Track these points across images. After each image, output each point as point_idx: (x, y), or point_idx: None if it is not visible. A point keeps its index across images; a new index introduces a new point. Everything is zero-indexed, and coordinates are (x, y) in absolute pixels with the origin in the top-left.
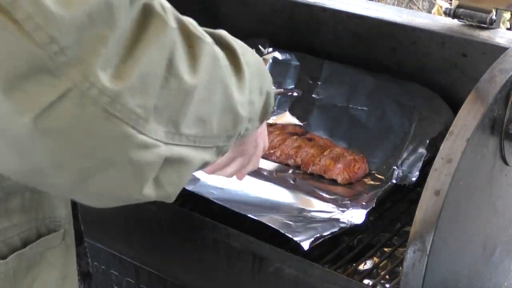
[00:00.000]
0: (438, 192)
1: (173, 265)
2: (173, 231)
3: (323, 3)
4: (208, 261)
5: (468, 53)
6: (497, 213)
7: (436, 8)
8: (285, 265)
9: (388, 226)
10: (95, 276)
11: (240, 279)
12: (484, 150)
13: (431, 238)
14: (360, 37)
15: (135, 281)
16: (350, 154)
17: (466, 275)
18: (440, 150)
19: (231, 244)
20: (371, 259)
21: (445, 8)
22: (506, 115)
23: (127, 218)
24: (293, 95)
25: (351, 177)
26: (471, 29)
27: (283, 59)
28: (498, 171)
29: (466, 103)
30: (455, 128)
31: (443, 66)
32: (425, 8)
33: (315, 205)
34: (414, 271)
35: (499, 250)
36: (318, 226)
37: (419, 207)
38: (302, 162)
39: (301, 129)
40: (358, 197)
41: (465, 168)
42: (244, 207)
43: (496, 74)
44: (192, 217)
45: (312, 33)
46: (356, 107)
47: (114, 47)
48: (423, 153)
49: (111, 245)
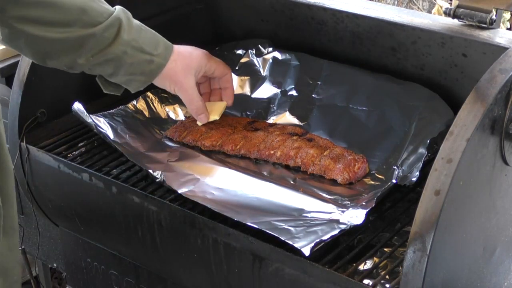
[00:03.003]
0: (438, 192)
1: (173, 265)
2: (173, 231)
3: (323, 3)
4: (208, 261)
5: (468, 53)
6: (497, 213)
7: (436, 8)
8: (285, 265)
9: (388, 226)
10: (95, 276)
11: (240, 279)
12: (484, 150)
13: (431, 238)
14: (360, 37)
15: (135, 281)
16: (350, 154)
17: (466, 275)
18: (440, 150)
19: (231, 244)
20: (371, 259)
21: (445, 8)
22: (506, 115)
23: (127, 218)
24: None
25: (351, 177)
26: (471, 29)
27: (283, 59)
28: (498, 171)
29: (466, 103)
30: (455, 128)
31: (443, 66)
32: (425, 8)
33: (315, 206)
34: (414, 271)
35: (499, 250)
36: (318, 230)
37: (419, 207)
38: (302, 163)
39: (301, 129)
40: (358, 197)
41: (465, 168)
42: (243, 209)
43: (496, 74)
44: (192, 217)
45: (312, 33)
46: (356, 107)
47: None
48: (423, 153)
49: (111, 245)
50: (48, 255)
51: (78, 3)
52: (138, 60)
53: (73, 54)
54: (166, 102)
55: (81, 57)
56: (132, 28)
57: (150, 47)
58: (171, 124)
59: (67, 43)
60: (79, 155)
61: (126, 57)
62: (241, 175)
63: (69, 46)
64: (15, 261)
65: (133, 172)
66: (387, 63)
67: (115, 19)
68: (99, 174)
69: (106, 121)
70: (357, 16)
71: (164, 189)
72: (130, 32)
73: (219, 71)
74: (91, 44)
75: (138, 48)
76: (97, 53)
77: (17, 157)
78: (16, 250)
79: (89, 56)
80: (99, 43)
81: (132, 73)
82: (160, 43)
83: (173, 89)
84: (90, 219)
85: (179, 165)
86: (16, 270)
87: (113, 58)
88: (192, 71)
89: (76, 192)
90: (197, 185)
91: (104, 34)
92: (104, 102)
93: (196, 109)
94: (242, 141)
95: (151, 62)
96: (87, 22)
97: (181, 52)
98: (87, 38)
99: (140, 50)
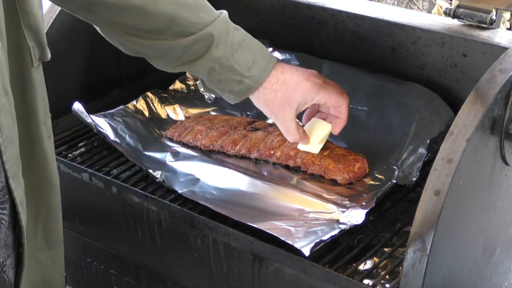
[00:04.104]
0: (438, 192)
1: (173, 265)
2: (173, 231)
3: (323, 3)
4: (208, 261)
5: (468, 53)
6: (497, 213)
7: (436, 8)
8: (285, 265)
9: (388, 226)
10: (95, 276)
11: (240, 279)
12: (484, 150)
13: (431, 238)
14: (360, 37)
15: (135, 281)
16: (350, 154)
17: (466, 275)
18: (440, 150)
19: (231, 244)
20: (371, 259)
21: (445, 8)
22: (506, 115)
23: (127, 218)
24: None
25: (351, 177)
26: (471, 29)
27: (283, 59)
28: (498, 171)
29: (466, 103)
30: (455, 128)
31: (443, 66)
32: (425, 8)
33: (315, 206)
34: (414, 271)
35: (499, 250)
36: (318, 230)
37: (419, 207)
38: (302, 163)
39: None
40: (358, 197)
41: (465, 168)
42: (243, 209)
43: (496, 74)
44: (192, 217)
45: (312, 33)
46: (356, 107)
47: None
48: (423, 153)
49: (111, 245)
50: None
51: (168, 12)
52: (226, 78)
53: (162, 59)
54: (166, 102)
55: (170, 64)
56: (227, 45)
57: (242, 67)
58: (171, 124)
59: (155, 50)
60: (79, 155)
61: (213, 73)
62: (241, 175)
63: (157, 52)
64: (58, 274)
65: (133, 172)
66: (387, 63)
67: (208, 33)
68: (99, 174)
69: (106, 121)
70: (357, 16)
71: (164, 189)
72: (223, 49)
73: (331, 103)
74: (179, 54)
75: (228, 67)
76: (185, 64)
77: None
78: (60, 263)
79: (178, 65)
80: (188, 54)
81: (221, 89)
82: (257, 63)
83: (269, 116)
84: (90, 219)
85: (179, 165)
86: (58, 282)
87: (201, 71)
88: (293, 105)
89: (76, 192)
90: (197, 185)
91: (194, 46)
92: (104, 102)
93: (292, 139)
94: (242, 141)
95: (240, 83)
96: (176, 32)
97: (287, 81)
98: (174, 48)
99: (230, 69)
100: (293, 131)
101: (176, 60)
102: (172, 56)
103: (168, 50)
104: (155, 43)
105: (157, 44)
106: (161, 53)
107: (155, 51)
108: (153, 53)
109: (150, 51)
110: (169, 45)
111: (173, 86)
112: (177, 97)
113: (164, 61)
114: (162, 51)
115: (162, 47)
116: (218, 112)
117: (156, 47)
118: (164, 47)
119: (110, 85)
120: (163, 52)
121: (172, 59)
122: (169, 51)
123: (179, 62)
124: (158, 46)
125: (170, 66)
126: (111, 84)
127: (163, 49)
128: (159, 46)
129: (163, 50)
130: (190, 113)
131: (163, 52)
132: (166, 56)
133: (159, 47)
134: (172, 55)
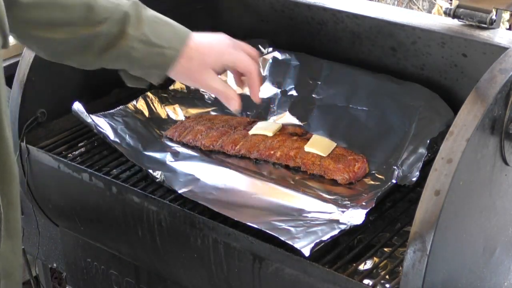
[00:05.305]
0: (438, 192)
1: (173, 265)
2: (173, 231)
3: (323, 3)
4: (208, 261)
5: (468, 53)
6: (497, 213)
7: (436, 8)
8: (285, 265)
9: (388, 226)
10: (95, 276)
11: (240, 279)
12: (484, 150)
13: (431, 238)
14: (360, 37)
15: (135, 281)
16: (350, 154)
17: (466, 275)
18: (440, 150)
19: (231, 244)
20: (371, 259)
21: (445, 8)
22: (506, 115)
23: (127, 218)
24: None
25: (351, 177)
26: (471, 29)
27: (283, 59)
28: (498, 171)
29: (466, 103)
30: (455, 128)
31: (443, 66)
32: (425, 8)
33: (315, 206)
34: (414, 271)
35: (499, 250)
36: (318, 230)
37: (419, 207)
38: (302, 163)
39: (301, 129)
40: (358, 197)
41: (465, 168)
42: (243, 209)
43: (496, 74)
44: (192, 217)
45: (312, 33)
46: (356, 107)
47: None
48: (423, 153)
49: (111, 245)
50: (48, 255)
51: (82, 0)
52: (147, 53)
53: (83, 52)
54: (166, 102)
55: (91, 56)
56: (142, 22)
57: (161, 40)
58: (171, 124)
59: (74, 43)
60: (79, 155)
61: (133, 51)
62: (241, 175)
63: (77, 45)
64: (18, 264)
65: (133, 172)
66: (387, 63)
67: (122, 14)
68: (99, 174)
69: (106, 121)
70: (357, 16)
71: (164, 189)
72: (139, 27)
73: (240, 68)
74: (99, 42)
75: (147, 41)
76: (105, 51)
77: (17, 157)
78: (19, 253)
79: (98, 54)
80: (106, 40)
81: (146, 66)
82: (176, 35)
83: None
84: (90, 219)
85: (179, 165)
86: (18, 272)
87: (122, 54)
88: (208, 67)
89: (76, 192)
90: (197, 185)
91: (111, 30)
92: (104, 102)
93: (224, 99)
94: (242, 141)
95: (162, 55)
96: (93, 20)
97: (199, 47)
98: (93, 36)
99: (149, 43)
100: (221, 88)
101: (96, 49)
102: (92, 45)
103: (88, 40)
104: (73, 36)
105: (75, 36)
106: (81, 44)
107: (75, 45)
108: (73, 47)
109: (70, 46)
110: (86, 33)
111: (173, 86)
112: (177, 97)
113: (84, 54)
114: (82, 42)
115: (81, 38)
116: (218, 112)
117: (74, 39)
118: (83, 37)
119: (110, 85)
120: (83, 42)
121: (91, 49)
122: (89, 40)
123: (100, 49)
124: (77, 38)
125: (90, 59)
126: (111, 84)
127: (83, 39)
128: (79, 36)
129: (83, 40)
130: (190, 113)
131: (83, 42)
132: (86, 47)
133: (80, 37)
134: (92, 44)
